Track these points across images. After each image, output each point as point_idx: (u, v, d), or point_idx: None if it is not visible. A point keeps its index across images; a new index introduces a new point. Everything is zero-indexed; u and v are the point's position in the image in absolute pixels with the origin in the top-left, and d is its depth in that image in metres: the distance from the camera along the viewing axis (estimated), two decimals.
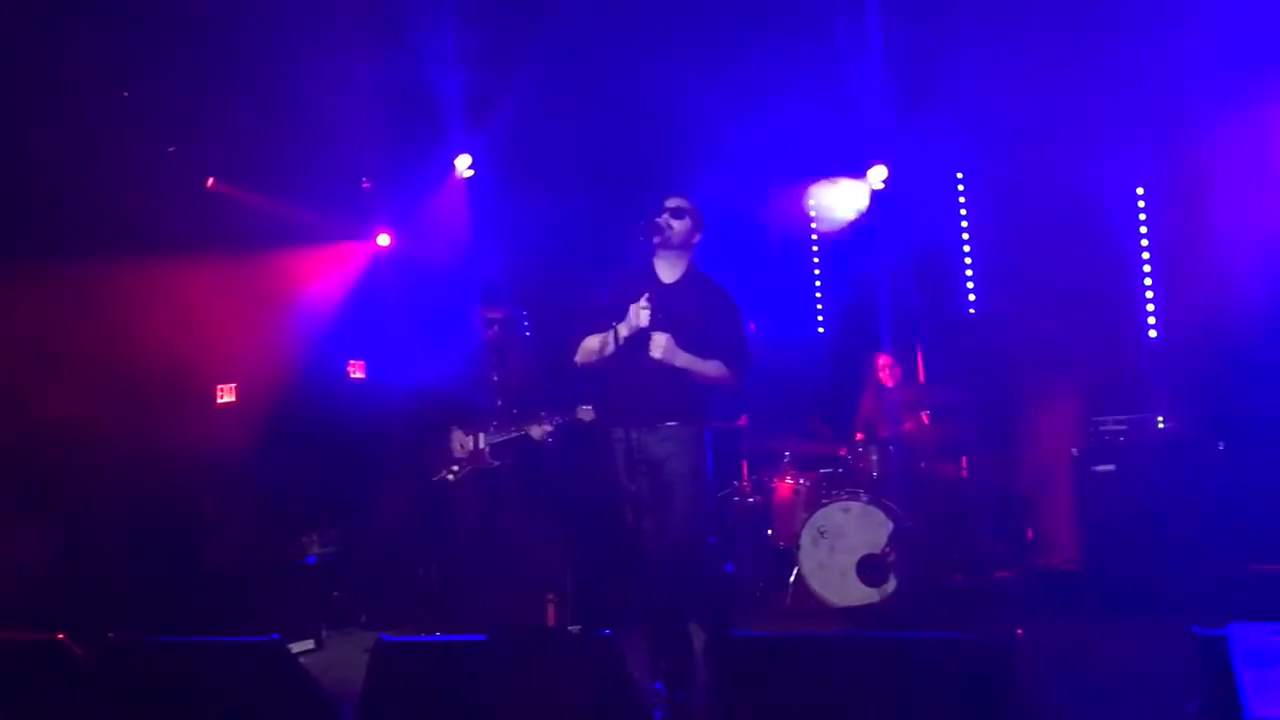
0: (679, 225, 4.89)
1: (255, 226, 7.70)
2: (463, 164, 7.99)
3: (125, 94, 6.80)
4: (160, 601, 6.51)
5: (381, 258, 8.35)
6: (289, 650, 4.83)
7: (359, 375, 8.42)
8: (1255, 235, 6.65)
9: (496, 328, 6.39)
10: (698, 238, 4.97)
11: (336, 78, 6.90)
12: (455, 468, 6.11)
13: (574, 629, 6.32)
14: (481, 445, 6.07)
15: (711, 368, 4.79)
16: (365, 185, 8.13)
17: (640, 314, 4.71)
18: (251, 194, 7.65)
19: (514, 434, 6.02)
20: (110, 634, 4.29)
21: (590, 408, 5.83)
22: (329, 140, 7.35)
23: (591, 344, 4.91)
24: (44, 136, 6.37)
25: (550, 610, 6.45)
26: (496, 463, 6.06)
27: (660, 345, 4.70)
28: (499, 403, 6.15)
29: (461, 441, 6.13)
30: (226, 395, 8.00)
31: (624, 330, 4.72)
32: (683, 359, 4.73)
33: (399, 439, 7.43)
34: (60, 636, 4.16)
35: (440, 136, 7.78)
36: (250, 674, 4.09)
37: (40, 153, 6.37)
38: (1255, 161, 6.70)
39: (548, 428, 5.93)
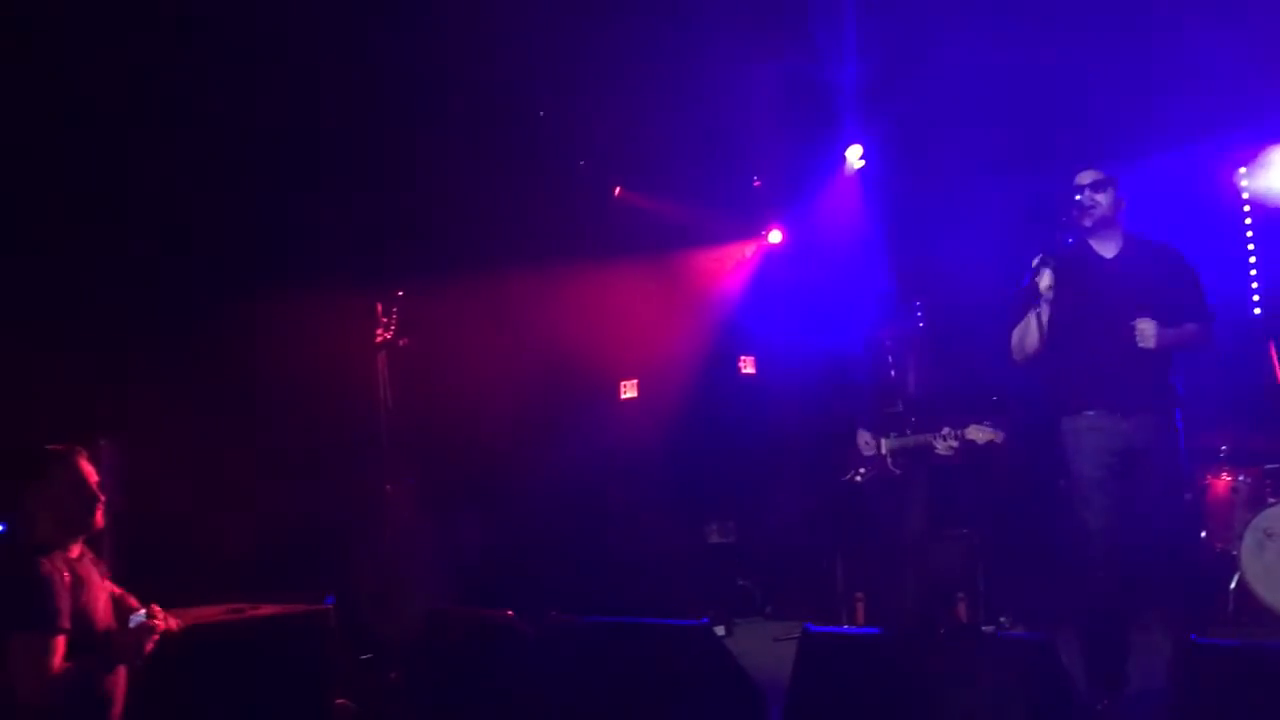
0: (1103, 198, 4.65)
1: (655, 230, 8.08)
2: (854, 155, 7.94)
3: (540, 114, 7.35)
4: (579, 585, 6.97)
5: (774, 254, 8.49)
6: (716, 634, 5.02)
7: (749, 370, 8.60)
8: None
9: (890, 341, 6.21)
10: (1123, 205, 4.71)
11: (731, 80, 7.08)
12: (864, 469, 6.04)
13: (988, 629, 6.11)
14: (883, 451, 5.98)
15: (1189, 334, 4.53)
16: (756, 184, 8.28)
17: (1043, 280, 4.48)
18: (652, 200, 8.03)
19: (915, 443, 5.85)
20: (552, 613, 4.63)
21: (988, 427, 5.60)
22: (723, 142, 7.56)
23: (1017, 336, 4.74)
24: (474, 157, 7.02)
25: (961, 608, 6.27)
26: (898, 471, 5.93)
27: (1149, 334, 4.45)
28: (900, 408, 6.00)
29: (867, 442, 6.07)
30: (629, 391, 8.46)
31: (1045, 307, 4.50)
32: (1168, 337, 4.47)
33: (799, 435, 7.50)
34: (510, 614, 4.55)
35: (830, 129, 7.78)
36: (680, 656, 4.25)
37: (468, 171, 7.02)
38: None
39: (953, 444, 5.71)
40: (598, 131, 7.48)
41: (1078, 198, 4.66)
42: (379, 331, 5.93)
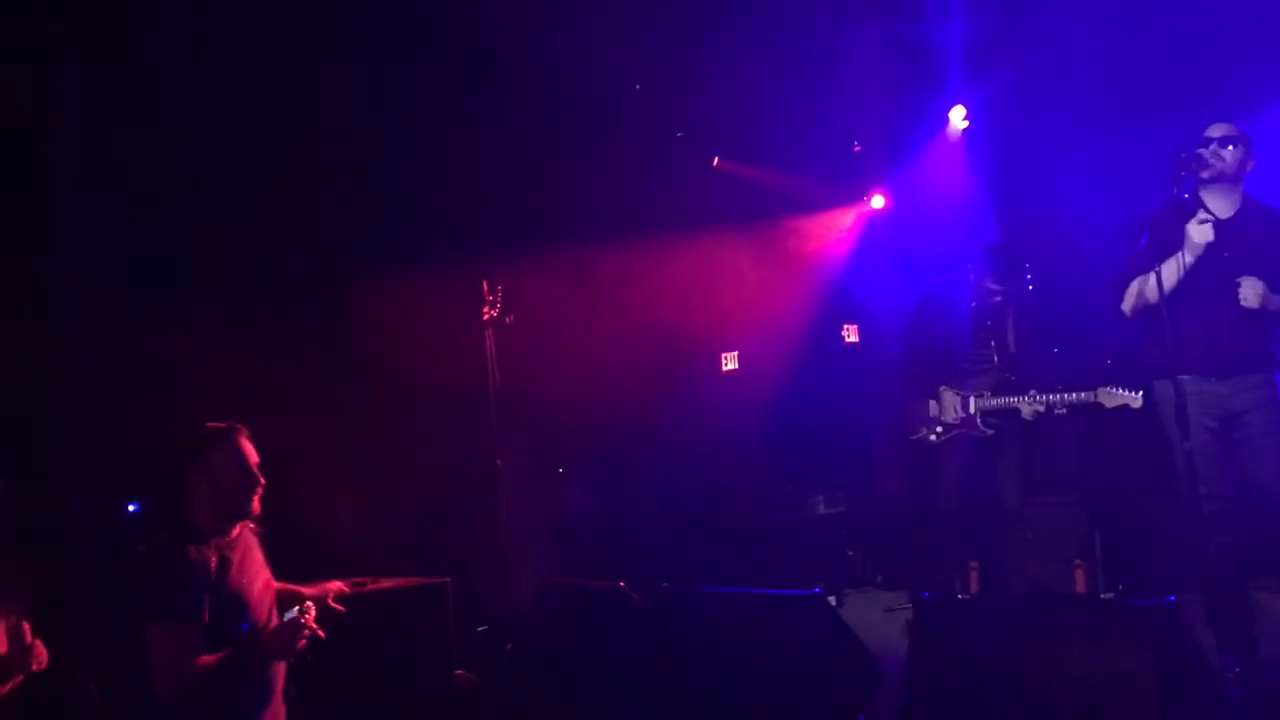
0: (1230, 154, 4.49)
1: (755, 199, 8.03)
2: (957, 116, 7.76)
3: (637, 87, 7.34)
4: (689, 557, 7.00)
5: (877, 219, 8.37)
6: (830, 604, 4.99)
7: (853, 339, 8.51)
8: None
9: (999, 296, 6.03)
10: (1250, 166, 4.54)
11: (829, 43, 6.97)
12: (940, 429, 5.91)
13: (1107, 596, 5.97)
14: (972, 410, 5.84)
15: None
16: (857, 148, 8.17)
17: (1200, 231, 4.34)
18: (751, 168, 7.97)
19: (1006, 404, 5.71)
20: (664, 584, 4.66)
21: (1120, 391, 5.40)
22: (822, 107, 7.46)
23: (1135, 288, 4.62)
24: (573, 131, 7.05)
25: (1079, 576, 6.12)
26: (990, 431, 5.78)
27: (1254, 292, 4.33)
28: (996, 368, 5.85)
29: (951, 403, 5.94)
30: (730, 363, 8.44)
31: (1189, 256, 4.37)
32: (1274, 302, 4.35)
33: (890, 399, 7.40)
34: (621, 585, 4.58)
35: (932, 91, 7.62)
36: (794, 625, 4.25)
37: (572, 147, 7.06)
38: None
39: (1038, 408, 5.57)
40: (694, 102, 7.44)
41: (1201, 151, 4.49)
42: (485, 309, 6.01)
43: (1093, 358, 7.20)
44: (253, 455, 3.51)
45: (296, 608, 3.32)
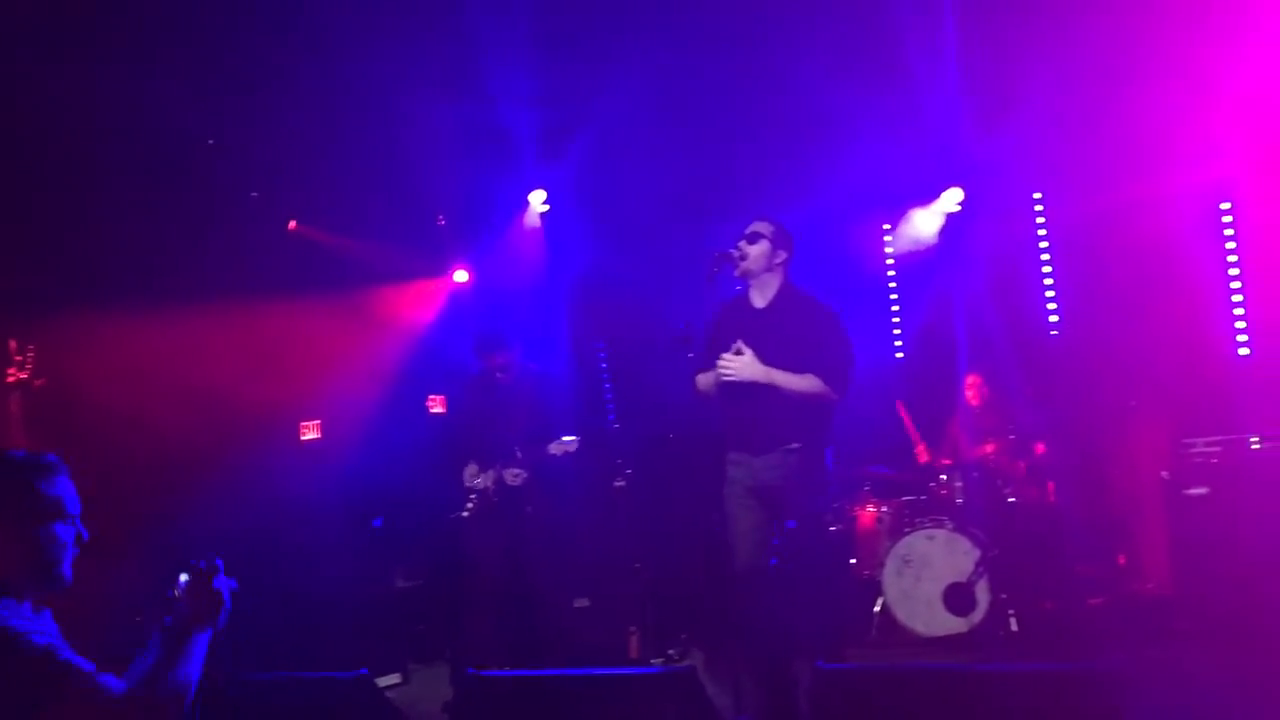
0: (754, 250, 4.85)
1: (336, 266, 7.87)
2: (537, 199, 8.08)
3: (210, 142, 7.01)
4: (254, 637, 6.62)
5: (460, 293, 8.47)
6: (376, 684, 4.89)
7: (439, 410, 8.52)
8: None
9: (503, 371, 6.39)
10: (782, 256, 4.91)
11: (412, 117, 7.03)
12: (469, 503, 6.18)
13: (657, 661, 6.30)
14: (487, 483, 6.14)
15: (804, 382, 4.68)
16: (440, 222, 8.26)
17: (724, 369, 4.70)
18: (331, 235, 7.83)
19: (511, 475, 6.05)
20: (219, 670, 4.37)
21: (572, 439, 5.90)
22: (405, 179, 7.49)
23: (700, 383, 4.95)
24: (135, 183, 6.60)
25: (632, 642, 6.44)
26: (496, 500, 6.08)
27: (730, 367, 4.66)
28: (507, 443, 6.18)
29: (473, 475, 6.21)
30: (310, 432, 8.16)
31: (713, 377, 4.75)
32: (776, 376, 4.66)
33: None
34: None
35: (515, 172, 7.88)
36: (339, 709, 4.14)
37: (131, 199, 6.60)
38: None
39: (517, 472, 5.96)
40: (272, 163, 7.22)
41: (730, 250, 4.90)
42: (12, 371, 5.43)
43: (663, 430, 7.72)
44: None
45: (182, 574, 2.90)
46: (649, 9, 6.60)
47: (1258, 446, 6.51)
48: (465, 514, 6.10)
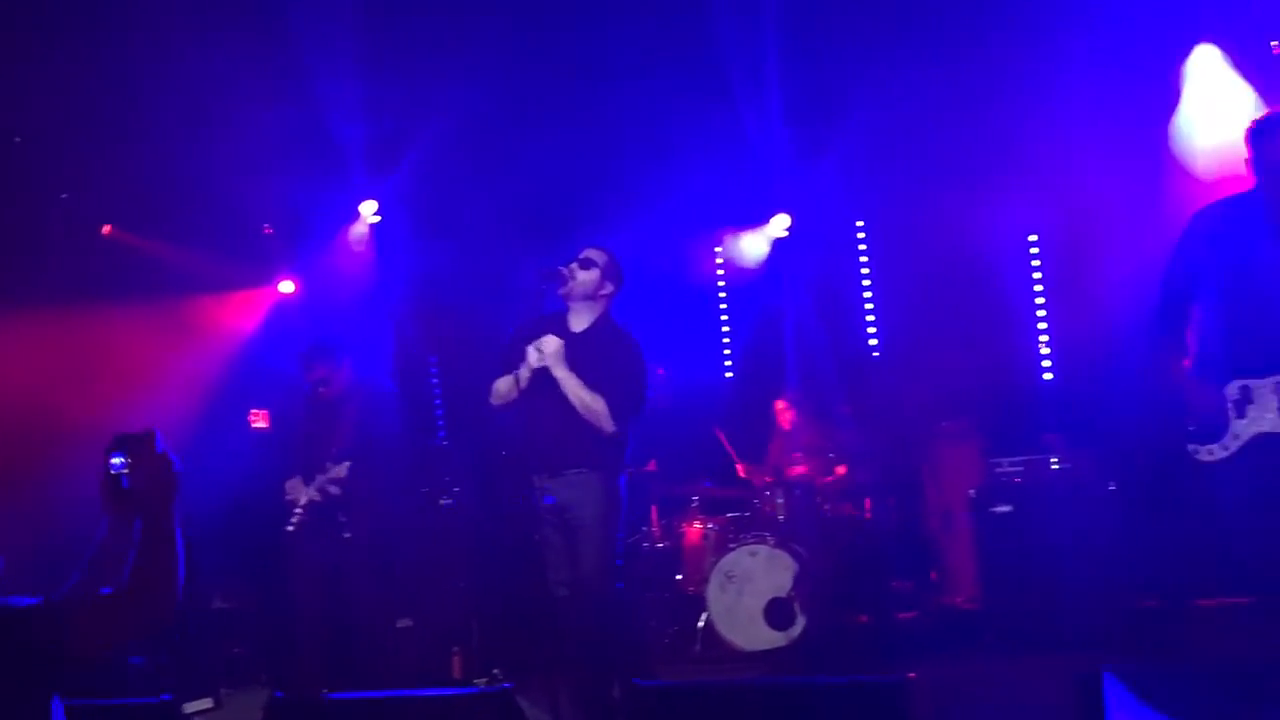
0: (584, 275, 4.86)
1: (153, 274, 7.56)
2: (368, 210, 7.95)
3: (17, 139, 6.67)
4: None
5: (287, 305, 8.24)
6: (182, 711, 4.72)
7: (261, 425, 8.26)
8: (1141, 283, 6.89)
9: (324, 385, 6.25)
10: (609, 289, 4.93)
11: (237, 122, 6.83)
12: (294, 518, 6.03)
13: (480, 682, 6.24)
14: (306, 500, 6.03)
15: (592, 400, 4.68)
16: (267, 231, 8.04)
17: (532, 354, 4.71)
18: (149, 241, 7.52)
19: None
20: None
21: (344, 466, 5.86)
22: (229, 185, 7.25)
23: (500, 386, 4.91)
24: None
25: (456, 663, 6.36)
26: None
27: (546, 348, 4.67)
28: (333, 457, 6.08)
29: (295, 488, 6.09)
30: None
31: (524, 372, 4.73)
32: (571, 382, 4.67)
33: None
34: None
35: (346, 182, 7.73)
36: None
37: None
38: (1138, 209, 6.95)
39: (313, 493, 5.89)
40: (85, 164, 6.89)
41: (560, 267, 4.92)
42: None
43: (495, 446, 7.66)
44: None
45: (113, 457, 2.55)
46: (483, 26, 6.59)
47: (1057, 467, 6.91)
48: (290, 528, 5.90)
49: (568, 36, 6.75)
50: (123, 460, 2.55)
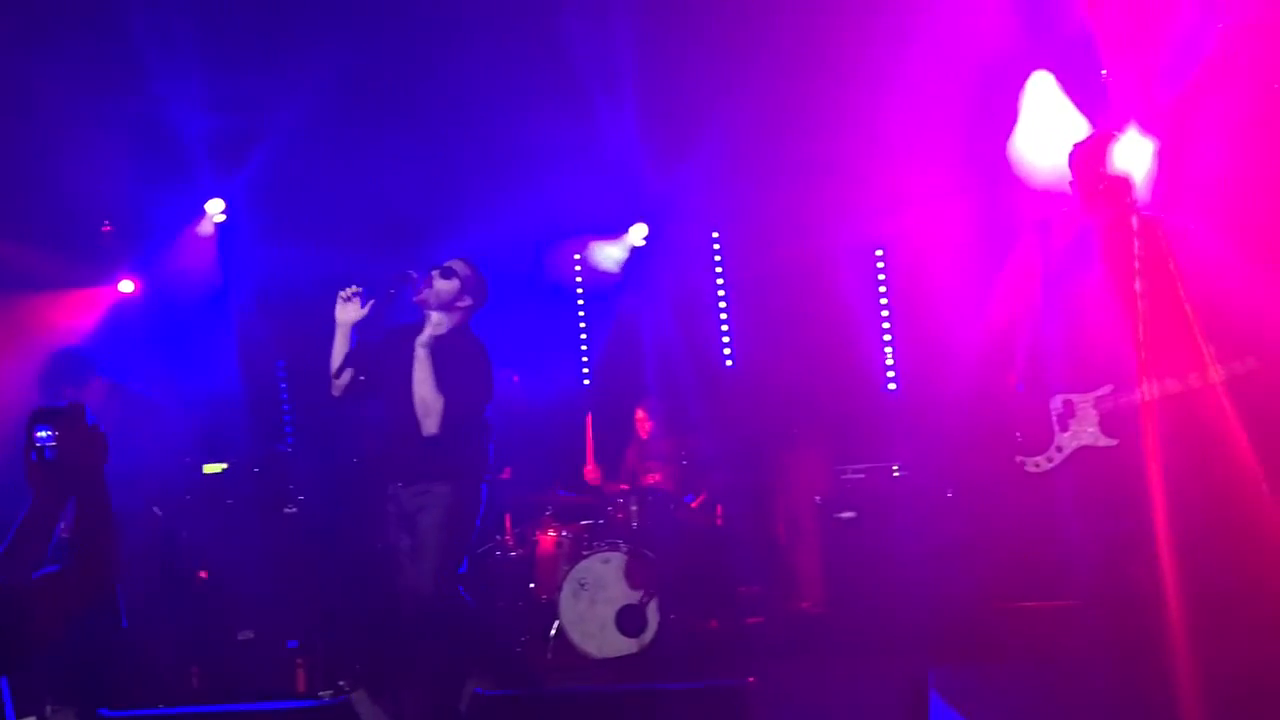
0: (443, 284, 4.83)
1: None
2: (215, 208, 7.70)
3: None
4: None
5: (127, 305, 7.91)
6: None
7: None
8: (978, 298, 7.17)
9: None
10: (467, 302, 4.91)
11: (72, 115, 6.53)
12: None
13: (326, 694, 6.11)
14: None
15: (432, 397, 4.67)
16: (106, 228, 7.70)
17: (343, 309, 4.81)
18: None
19: None
20: None
21: None
22: (64, 180, 6.93)
23: (345, 377, 4.90)
24: None
25: (300, 674, 6.21)
26: None
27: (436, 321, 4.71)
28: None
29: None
30: None
31: (339, 337, 4.83)
32: (422, 371, 4.68)
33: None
34: None
35: (190, 179, 7.48)
36: None
37: None
38: (978, 226, 7.23)
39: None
40: None
41: (414, 272, 4.87)
42: None
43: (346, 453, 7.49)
44: None
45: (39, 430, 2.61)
46: (336, 23, 6.47)
47: (898, 475, 7.14)
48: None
49: (423, 37, 6.68)
50: (49, 433, 2.61)
